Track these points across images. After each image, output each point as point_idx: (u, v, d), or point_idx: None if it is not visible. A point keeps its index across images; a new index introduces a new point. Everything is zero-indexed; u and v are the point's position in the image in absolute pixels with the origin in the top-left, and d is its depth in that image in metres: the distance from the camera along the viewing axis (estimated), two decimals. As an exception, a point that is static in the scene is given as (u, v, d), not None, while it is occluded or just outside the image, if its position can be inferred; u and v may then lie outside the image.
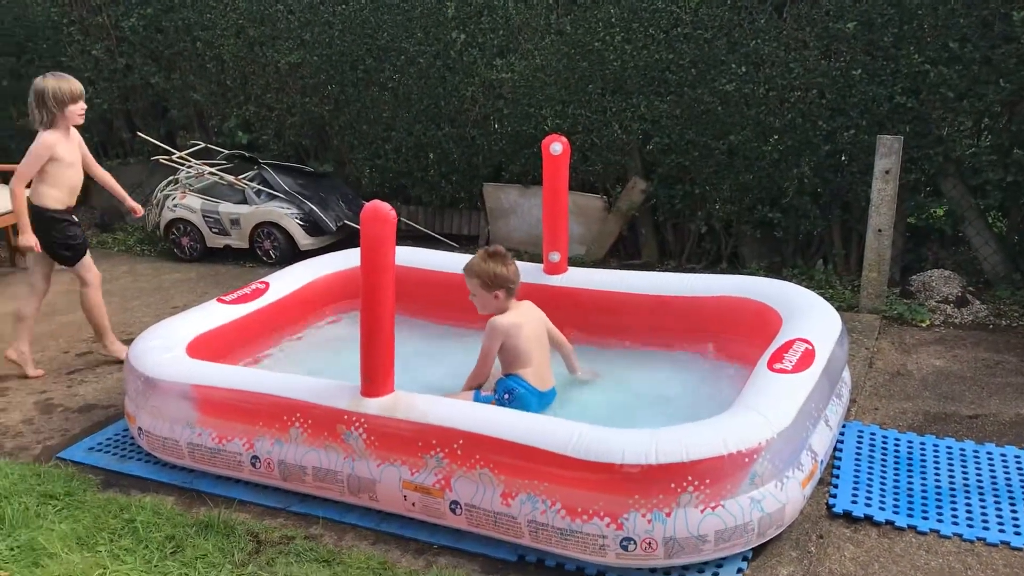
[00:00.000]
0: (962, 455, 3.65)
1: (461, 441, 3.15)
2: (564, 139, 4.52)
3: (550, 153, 4.51)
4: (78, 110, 4.72)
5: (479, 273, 3.94)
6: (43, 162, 4.65)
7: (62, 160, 4.71)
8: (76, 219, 4.90)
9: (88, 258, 4.92)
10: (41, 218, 4.73)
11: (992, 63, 5.22)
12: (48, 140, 4.65)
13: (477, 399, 3.87)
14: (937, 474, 3.52)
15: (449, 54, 6.65)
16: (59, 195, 4.76)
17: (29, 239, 4.70)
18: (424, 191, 7.23)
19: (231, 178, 7.12)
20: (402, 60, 6.84)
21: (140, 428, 3.84)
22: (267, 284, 4.74)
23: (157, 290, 6.43)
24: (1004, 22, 5.14)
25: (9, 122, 8.35)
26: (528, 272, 4.70)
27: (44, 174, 4.70)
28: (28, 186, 4.69)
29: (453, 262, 4.96)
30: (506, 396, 3.86)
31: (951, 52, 5.28)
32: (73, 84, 4.69)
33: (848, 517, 3.27)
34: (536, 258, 6.38)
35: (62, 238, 4.79)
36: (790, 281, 4.82)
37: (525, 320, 3.95)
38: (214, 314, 4.38)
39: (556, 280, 4.65)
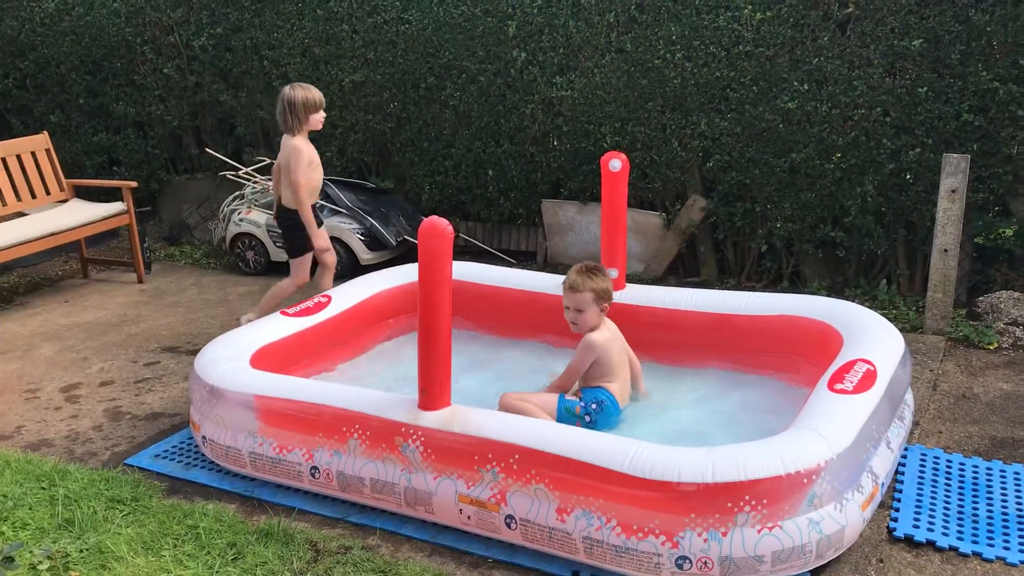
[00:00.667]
0: (1030, 481, 3.56)
1: (517, 456, 3.17)
2: (623, 156, 4.53)
3: (609, 170, 4.53)
4: (320, 117, 5.15)
5: (593, 288, 3.96)
6: (307, 165, 5.08)
7: (313, 163, 5.15)
8: (318, 221, 5.25)
9: (306, 258, 5.31)
10: (286, 217, 5.16)
11: (1064, 80, 5.10)
12: (302, 144, 5.08)
13: (562, 402, 3.90)
14: (1004, 500, 3.43)
15: (510, 72, 6.71)
16: (303, 197, 5.11)
17: (320, 241, 5.21)
18: (483, 207, 7.29)
19: (295, 193, 7.24)
20: (463, 78, 6.92)
21: (204, 436, 3.93)
22: (329, 297, 4.83)
23: (222, 302, 6.58)
24: (1077, 38, 5.02)
25: (87, 138, 8.64)
26: (586, 289, 4.72)
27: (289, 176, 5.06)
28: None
29: (511, 277, 5.00)
30: (594, 406, 3.90)
31: (1021, 69, 5.17)
32: (317, 93, 5.13)
33: (909, 541, 3.20)
34: (594, 275, 6.38)
35: (297, 235, 5.20)
36: (853, 301, 4.74)
37: (614, 336, 4.02)
38: (278, 326, 4.47)
39: (615, 297, 4.64)
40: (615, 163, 4.52)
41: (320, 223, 5.27)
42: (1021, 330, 5.15)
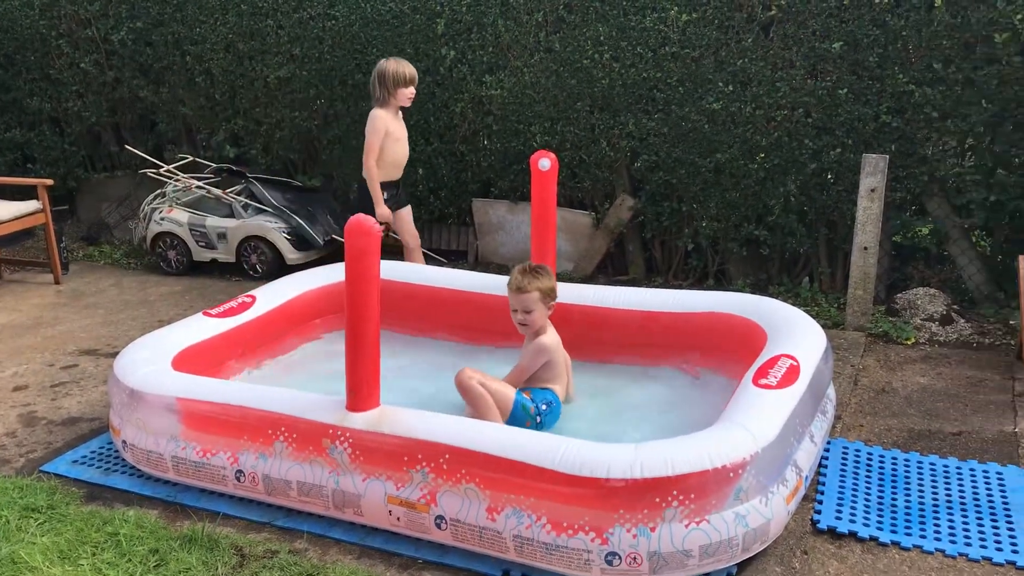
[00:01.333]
0: (945, 472, 3.67)
1: (447, 456, 3.15)
2: (553, 155, 4.55)
3: (539, 169, 4.53)
4: (408, 93, 5.30)
5: (540, 287, 3.95)
6: (382, 135, 5.26)
7: (391, 135, 5.31)
8: (387, 195, 5.43)
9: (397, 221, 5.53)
10: (362, 187, 5.41)
11: (975, 84, 5.28)
12: (381, 115, 5.26)
13: (520, 397, 3.90)
14: (921, 491, 3.54)
15: (439, 70, 6.68)
16: (383, 169, 5.33)
17: (383, 211, 5.34)
18: (412, 206, 7.22)
19: (218, 192, 7.11)
20: (392, 76, 6.85)
21: (125, 441, 3.82)
22: (254, 298, 4.73)
23: (143, 303, 6.41)
24: (986, 44, 5.20)
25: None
26: (515, 287, 4.72)
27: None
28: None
29: (441, 276, 4.97)
30: (544, 407, 3.93)
31: (935, 73, 5.34)
32: (409, 69, 5.27)
33: (832, 533, 3.28)
34: (524, 274, 6.39)
35: (370, 207, 5.33)
36: (776, 298, 4.84)
37: (559, 340, 4.06)
38: (200, 327, 4.36)
39: (543, 295, 4.65)
40: (544, 162, 4.52)
41: (373, 207, 5.32)
42: (937, 326, 5.32)
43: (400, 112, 5.44)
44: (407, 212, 5.72)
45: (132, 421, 3.77)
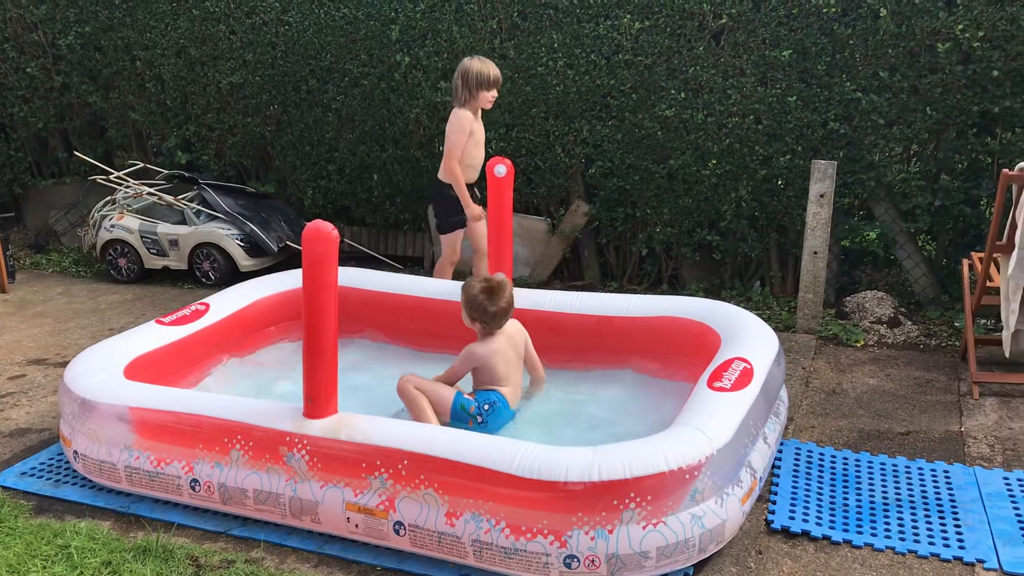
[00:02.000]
0: (895, 471, 3.76)
1: (406, 462, 3.15)
2: (508, 161, 4.57)
3: (494, 175, 4.55)
4: (490, 96, 5.08)
5: (466, 297, 4.05)
6: (467, 136, 5.06)
7: (472, 136, 5.12)
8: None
9: (457, 235, 5.33)
10: (439, 190, 5.21)
11: (920, 92, 5.42)
12: (466, 115, 5.07)
13: (459, 399, 3.92)
14: (871, 490, 3.61)
15: (393, 76, 6.68)
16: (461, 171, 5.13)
17: (474, 210, 5.18)
18: (368, 212, 7.22)
19: (170, 198, 7.03)
20: (346, 81, 6.84)
21: (76, 452, 3.76)
22: (207, 305, 4.68)
23: (93, 312, 6.30)
24: (930, 53, 5.34)
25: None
26: (472, 293, 4.73)
27: None
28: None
29: (397, 283, 4.96)
30: (486, 407, 3.93)
31: (881, 81, 5.46)
32: (493, 70, 5.03)
33: (786, 533, 3.33)
34: (480, 280, 6.40)
35: (443, 208, 5.24)
36: (729, 302, 4.91)
37: (503, 347, 4.04)
38: (152, 336, 4.31)
39: (500, 301, 4.66)
40: (500, 168, 4.55)
41: (447, 210, 5.22)
42: (885, 328, 5.43)
43: (479, 112, 5.20)
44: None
45: (83, 431, 3.71)
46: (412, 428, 3.31)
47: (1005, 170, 4.27)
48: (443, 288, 4.82)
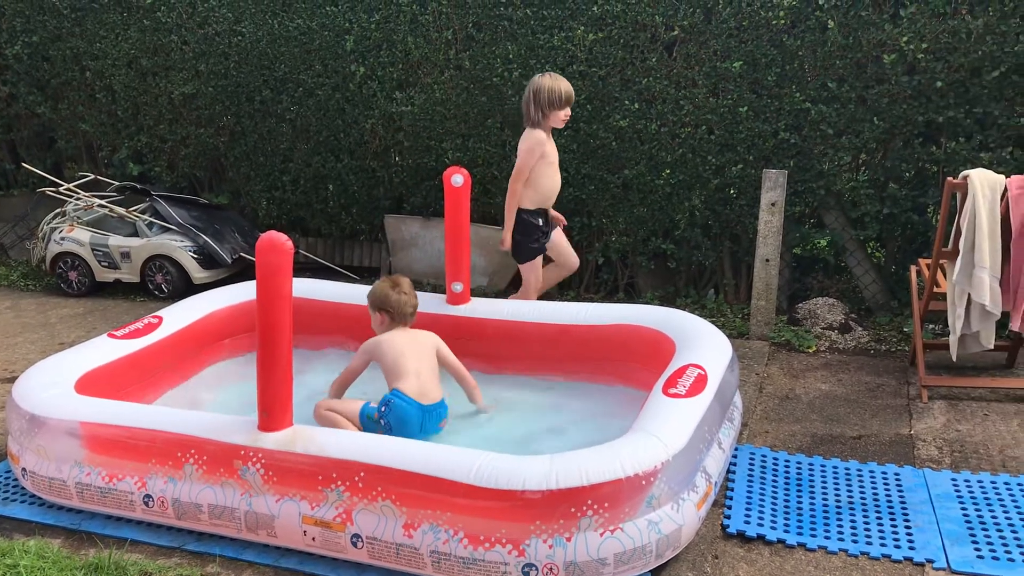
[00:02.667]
0: (847, 474, 3.82)
1: (362, 473, 3.14)
2: (465, 171, 4.58)
3: (452, 185, 4.56)
4: (563, 115, 4.80)
5: (369, 294, 4.20)
6: (537, 158, 4.77)
7: (546, 158, 4.81)
8: (542, 223, 4.96)
9: (538, 262, 5.03)
10: (520, 219, 4.88)
11: (867, 102, 5.53)
12: (540, 137, 4.78)
13: (364, 409, 3.96)
14: (824, 493, 3.67)
15: (348, 87, 6.66)
16: (534, 195, 4.86)
17: (506, 238, 4.91)
18: (323, 223, 7.18)
19: (121, 210, 6.93)
20: (300, 92, 6.81)
21: (24, 469, 3.68)
22: (160, 318, 4.62)
23: (43, 326, 6.18)
24: (876, 65, 5.46)
25: None
26: (431, 302, 4.74)
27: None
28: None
29: (354, 294, 4.94)
30: (383, 408, 3.94)
31: (830, 91, 5.57)
32: (565, 86, 4.76)
33: (742, 537, 3.37)
34: (439, 289, 6.41)
35: (526, 238, 4.93)
36: (683, 310, 4.96)
37: (403, 341, 4.07)
38: (104, 350, 4.24)
39: (459, 310, 4.68)
40: (457, 178, 4.56)
41: (526, 238, 4.92)
42: (836, 334, 5.52)
43: (552, 132, 4.95)
44: (559, 234, 5.16)
45: (32, 448, 3.64)
46: (368, 440, 3.30)
47: (949, 178, 4.38)
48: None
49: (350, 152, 6.84)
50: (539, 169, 4.82)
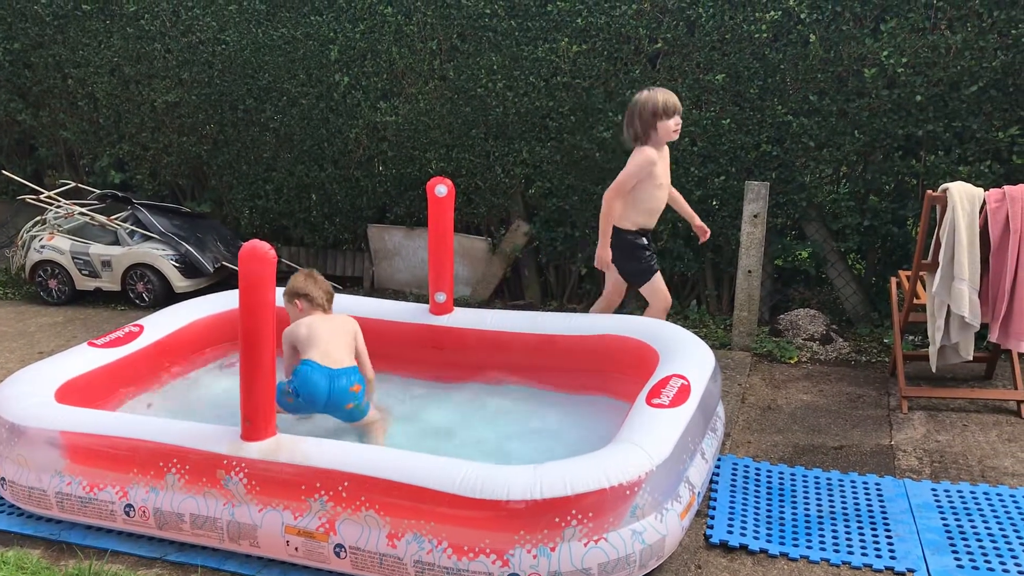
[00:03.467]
0: (828, 484, 3.84)
1: (346, 483, 3.13)
2: (449, 181, 4.59)
3: (435, 195, 4.57)
4: (673, 124, 4.45)
5: (284, 289, 4.22)
6: (641, 178, 4.49)
7: (655, 178, 4.52)
8: (647, 242, 4.70)
9: (657, 280, 4.74)
10: (619, 239, 4.62)
11: (848, 115, 5.58)
12: (651, 155, 4.46)
13: (279, 388, 3.88)
14: (807, 503, 3.69)
15: (332, 96, 6.66)
16: (634, 215, 4.60)
17: (604, 256, 4.63)
18: (306, 232, 7.17)
19: (102, 218, 6.89)
20: (284, 101, 6.80)
21: (3, 479, 3.65)
22: (141, 327, 4.60)
23: (22, 335, 6.13)
24: (857, 78, 5.51)
25: None
26: (414, 312, 4.74)
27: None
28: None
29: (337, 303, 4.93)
30: (291, 378, 3.99)
31: (811, 104, 5.62)
32: (667, 95, 4.44)
33: (724, 547, 3.38)
34: (422, 299, 6.41)
35: (636, 259, 4.68)
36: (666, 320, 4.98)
37: (319, 322, 4.11)
38: (85, 359, 4.21)
39: (442, 320, 4.68)
40: (441, 188, 4.57)
41: (630, 258, 4.64)
42: (818, 345, 5.56)
43: (664, 150, 4.58)
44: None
45: (12, 458, 3.60)
46: (353, 449, 3.29)
47: (929, 191, 4.43)
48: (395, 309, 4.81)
49: (334, 161, 6.84)
50: (644, 187, 4.54)
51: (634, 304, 5.76)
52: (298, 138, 6.87)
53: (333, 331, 4.10)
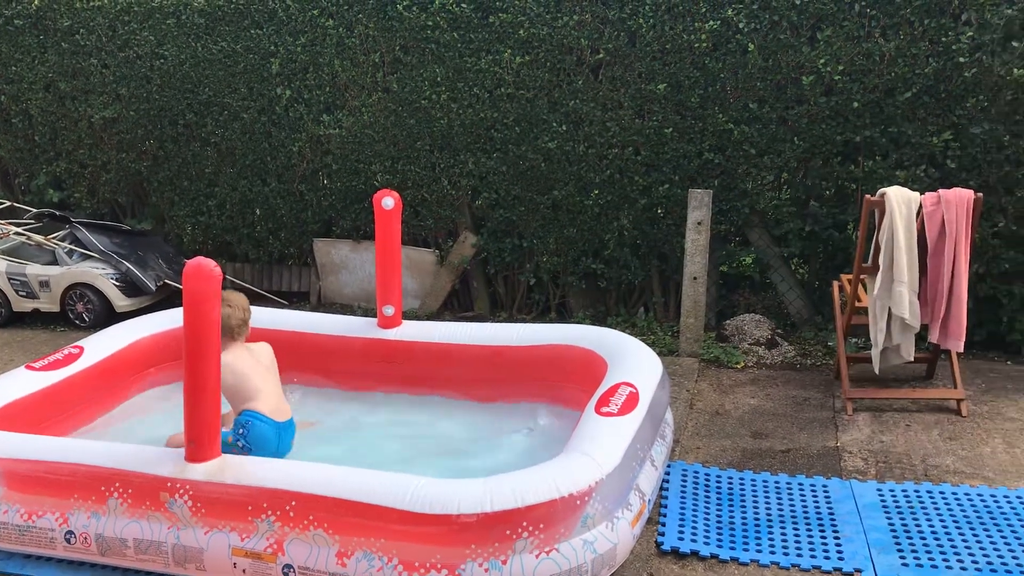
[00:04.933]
0: (777, 487, 3.88)
1: (294, 502, 3.08)
2: (395, 194, 4.56)
3: (382, 208, 4.54)
4: None
5: None
6: None
7: None
8: None
9: None
10: None
11: (787, 122, 5.68)
12: None
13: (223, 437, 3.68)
14: (756, 507, 3.72)
15: (274, 110, 6.60)
16: None
17: None
18: (251, 247, 7.08)
19: (39, 238, 6.73)
20: (225, 115, 6.72)
21: (-64, 509, 3.52)
22: (81, 348, 4.48)
23: (-45, 359, 5.95)
24: (795, 86, 5.61)
25: None
26: (362, 327, 4.70)
27: None
28: None
29: (283, 319, 4.87)
30: (241, 431, 3.86)
31: (751, 112, 5.70)
32: None
33: (676, 553, 3.40)
34: (370, 312, 6.36)
35: None
36: (614, 328, 5.01)
37: (243, 355, 3.96)
38: (22, 382, 4.10)
39: (391, 334, 4.64)
40: (388, 201, 4.54)
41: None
42: (763, 349, 5.63)
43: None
44: None
45: (-55, 487, 3.49)
46: (300, 468, 3.24)
47: (868, 196, 4.52)
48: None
49: (277, 175, 6.76)
50: None
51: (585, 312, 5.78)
52: (240, 152, 6.78)
53: (265, 372, 3.98)
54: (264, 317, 4.92)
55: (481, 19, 6.04)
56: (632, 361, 4.00)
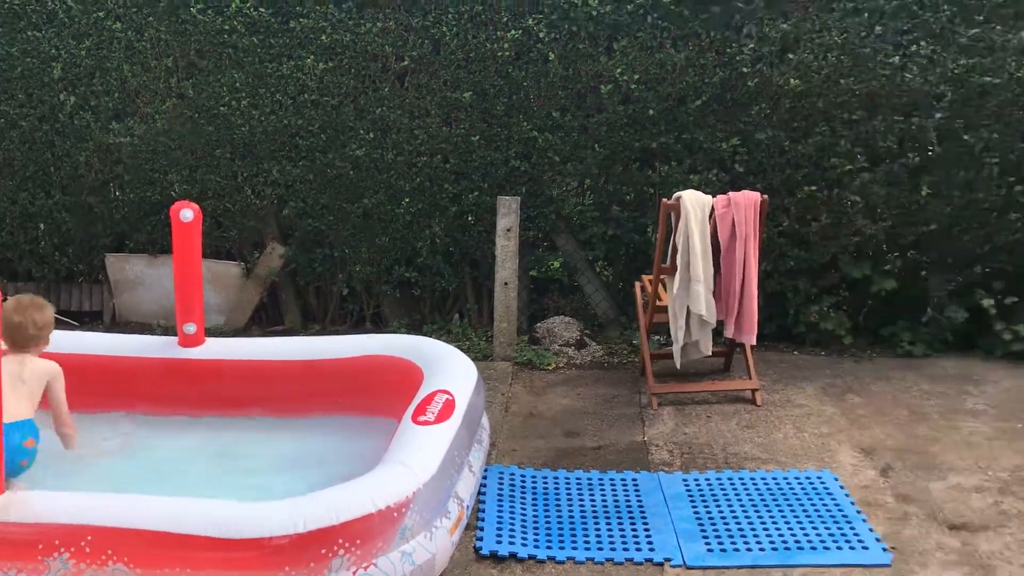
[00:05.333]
0: (590, 484, 3.99)
1: (89, 537, 2.87)
2: (195, 205, 4.35)
3: (180, 220, 4.32)
4: None
5: None
6: None
7: None
8: None
9: None
10: None
11: (589, 130, 5.87)
12: None
13: None
14: (570, 504, 3.81)
15: (58, 117, 6.16)
16: None
17: None
18: (34, 265, 6.56)
19: None
20: (2, 123, 6.21)
21: None
22: None
23: None
24: (595, 94, 5.81)
25: None
26: (161, 346, 4.46)
27: None
28: None
29: (74, 342, 4.54)
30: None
31: (554, 120, 5.85)
32: None
33: (495, 557, 3.42)
34: (170, 331, 6.01)
35: None
36: (430, 336, 5.00)
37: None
38: None
39: (193, 353, 4.41)
40: (186, 213, 4.32)
41: None
42: (573, 350, 5.79)
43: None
44: None
45: None
46: (94, 499, 3.03)
47: (664, 199, 4.73)
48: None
49: (62, 187, 6.32)
50: None
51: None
52: (20, 163, 6.28)
53: (13, 384, 3.56)
54: (52, 339, 4.57)
55: (281, 24, 5.88)
56: (447, 368, 4.00)
